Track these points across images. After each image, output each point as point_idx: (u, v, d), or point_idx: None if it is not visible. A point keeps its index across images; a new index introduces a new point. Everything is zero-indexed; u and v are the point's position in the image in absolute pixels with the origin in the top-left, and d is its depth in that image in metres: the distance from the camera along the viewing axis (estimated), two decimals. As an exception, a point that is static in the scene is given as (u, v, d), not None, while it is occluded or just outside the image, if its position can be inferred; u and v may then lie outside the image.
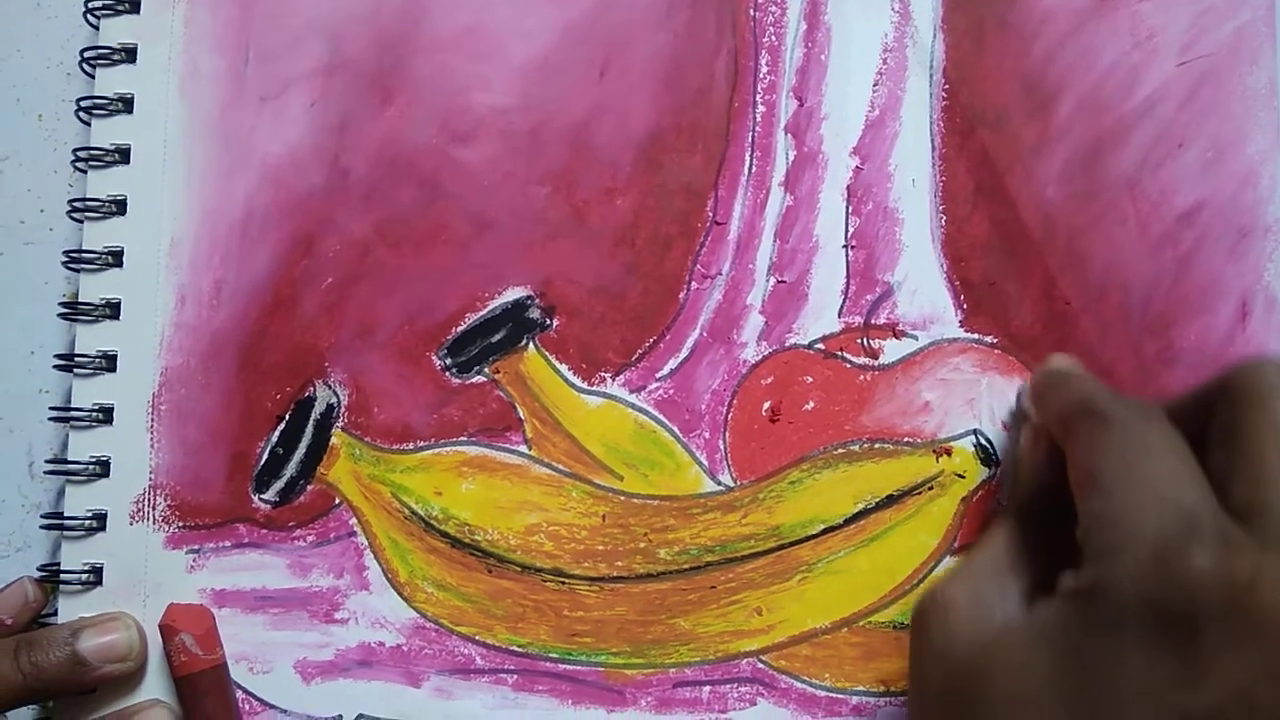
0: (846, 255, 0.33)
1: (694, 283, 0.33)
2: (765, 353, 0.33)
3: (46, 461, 0.34)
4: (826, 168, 0.33)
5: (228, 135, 0.33)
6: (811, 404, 0.32)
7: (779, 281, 0.33)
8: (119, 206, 0.33)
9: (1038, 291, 0.32)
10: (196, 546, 0.32)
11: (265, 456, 0.33)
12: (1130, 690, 0.21)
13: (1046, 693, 0.23)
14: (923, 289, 0.32)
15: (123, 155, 0.33)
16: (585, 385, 0.33)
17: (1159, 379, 0.32)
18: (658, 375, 0.33)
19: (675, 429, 0.32)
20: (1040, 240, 0.32)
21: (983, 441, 0.32)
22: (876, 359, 0.32)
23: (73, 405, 0.33)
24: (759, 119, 0.33)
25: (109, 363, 0.33)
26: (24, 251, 0.35)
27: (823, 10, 0.33)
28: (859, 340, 0.32)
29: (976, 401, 0.32)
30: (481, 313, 0.33)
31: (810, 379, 0.32)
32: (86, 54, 0.34)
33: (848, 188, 0.33)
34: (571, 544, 0.32)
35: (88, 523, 0.32)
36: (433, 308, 0.33)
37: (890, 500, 0.32)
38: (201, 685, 0.31)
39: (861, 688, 0.32)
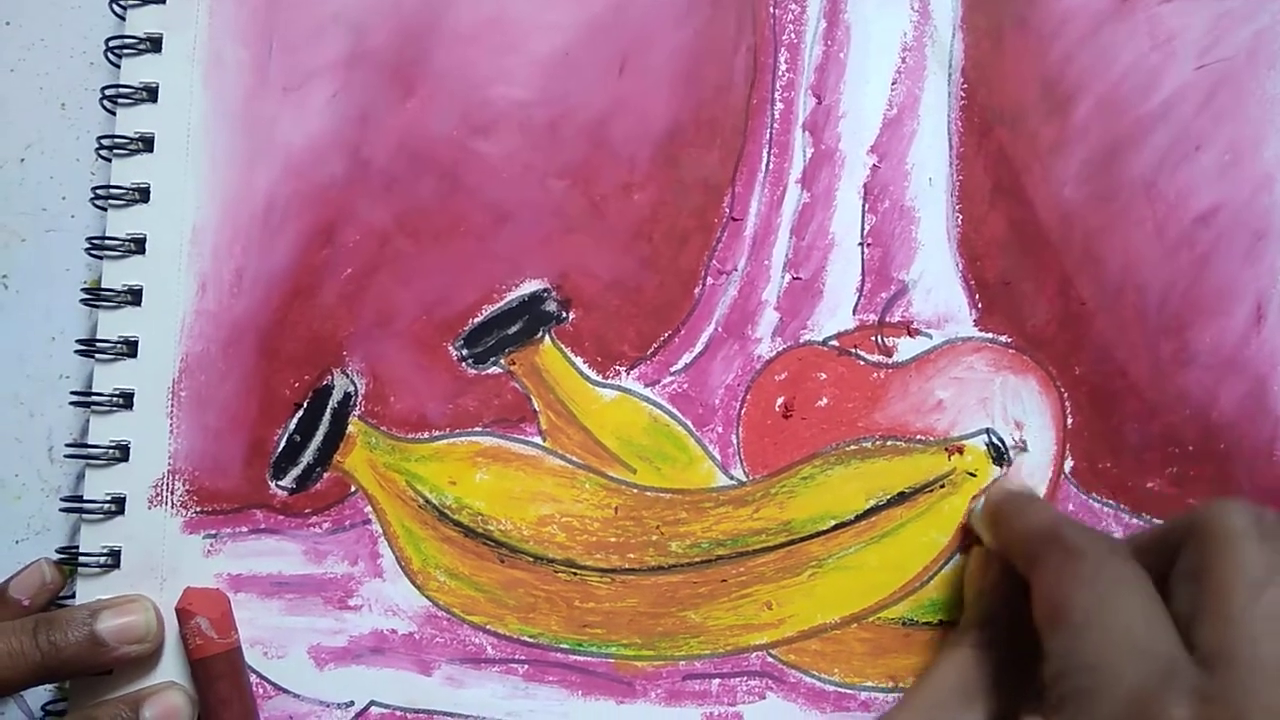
0: (862, 253, 0.33)
1: (710, 278, 0.33)
2: (779, 349, 0.33)
3: (67, 445, 0.34)
4: (844, 165, 0.33)
5: (250, 125, 0.34)
6: (825, 400, 0.32)
7: (794, 278, 0.33)
8: (142, 194, 0.33)
9: (1053, 291, 0.32)
10: (214, 531, 0.33)
11: (283, 444, 0.33)
12: None
13: None
14: (938, 287, 0.33)
15: (146, 144, 0.34)
16: (600, 378, 0.33)
17: (1174, 380, 0.32)
18: (672, 369, 0.33)
19: (689, 423, 0.33)
20: (1057, 240, 0.32)
21: (995, 441, 0.32)
22: (890, 357, 0.33)
23: (93, 390, 0.33)
24: (777, 116, 0.33)
25: (130, 348, 0.33)
26: (46, 239, 0.36)
27: (842, 8, 0.33)
28: (873, 338, 0.33)
29: (989, 401, 0.32)
30: (498, 304, 0.33)
31: (824, 376, 0.33)
32: (112, 43, 0.34)
33: (864, 185, 0.33)
34: (584, 535, 0.32)
35: (106, 506, 0.33)
36: (450, 299, 0.33)
37: (902, 497, 0.32)
38: (216, 668, 0.31)
39: (870, 683, 0.32)
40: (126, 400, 0.33)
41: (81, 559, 0.32)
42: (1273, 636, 0.21)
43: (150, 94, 0.34)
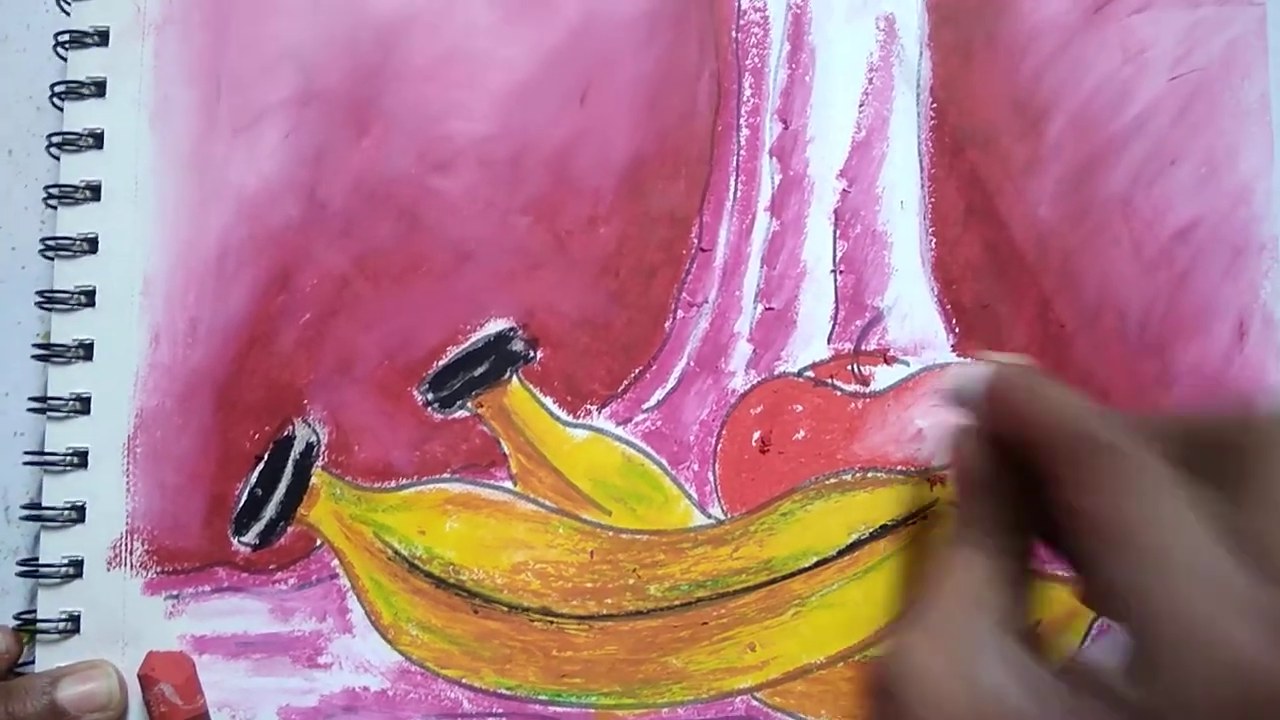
0: (835, 280, 0.32)
1: (680, 311, 0.32)
2: (754, 381, 0.32)
3: (22, 507, 0.33)
4: (813, 191, 0.32)
5: (201, 169, 0.33)
6: (802, 433, 0.32)
7: (767, 308, 0.32)
8: (90, 244, 0.32)
9: (1031, 314, 0.31)
10: (175, 592, 0.32)
11: (244, 498, 0.32)
12: None
13: None
14: (913, 313, 0.32)
15: (94, 191, 0.33)
16: (570, 418, 0.32)
17: (1156, 402, 0.31)
18: (644, 406, 0.32)
19: (663, 461, 0.32)
20: (1033, 261, 0.31)
21: (978, 468, 0.31)
22: (867, 386, 0.32)
23: (46, 450, 0.32)
24: (743, 143, 0.32)
25: (83, 405, 0.32)
26: (-4, 290, 0.34)
27: (806, 30, 0.32)
28: (849, 367, 0.32)
29: (971, 427, 0.31)
30: (463, 346, 0.32)
31: (800, 408, 0.32)
32: (57, 88, 0.33)
33: (835, 211, 0.32)
34: (559, 582, 0.31)
35: (64, 569, 0.31)
36: (413, 342, 0.32)
37: (884, 530, 0.31)
38: (183, 735, 0.30)
39: (859, 724, 0.31)
40: (81, 459, 0.32)
41: (40, 625, 0.31)
42: None
43: (96, 140, 0.33)
